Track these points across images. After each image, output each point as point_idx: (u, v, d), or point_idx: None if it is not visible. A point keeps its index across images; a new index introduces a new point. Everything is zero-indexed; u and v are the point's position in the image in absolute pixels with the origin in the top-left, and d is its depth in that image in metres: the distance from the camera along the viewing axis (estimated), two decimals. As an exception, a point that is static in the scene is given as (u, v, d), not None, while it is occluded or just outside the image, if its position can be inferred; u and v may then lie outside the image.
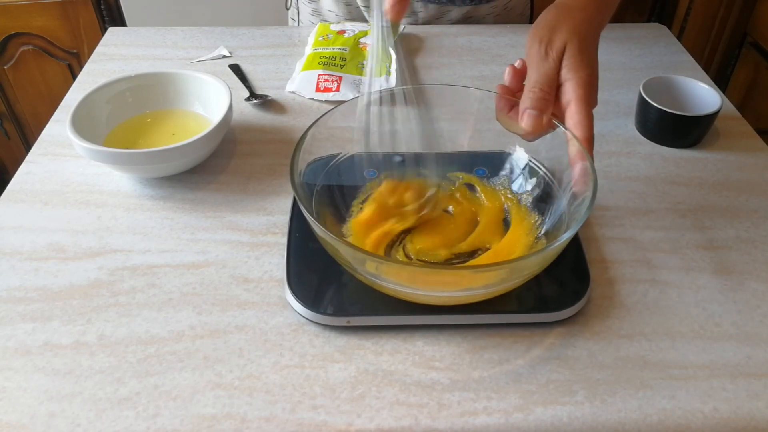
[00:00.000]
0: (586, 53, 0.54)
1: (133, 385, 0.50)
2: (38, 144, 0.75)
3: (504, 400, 0.50)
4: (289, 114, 0.81)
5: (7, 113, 1.73)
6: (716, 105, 0.74)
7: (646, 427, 0.49)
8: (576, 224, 0.50)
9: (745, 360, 0.53)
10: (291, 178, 0.53)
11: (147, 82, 0.75)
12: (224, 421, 0.48)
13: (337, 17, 1.01)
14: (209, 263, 0.60)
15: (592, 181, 0.52)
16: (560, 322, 0.55)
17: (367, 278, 0.52)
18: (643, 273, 0.60)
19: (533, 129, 0.54)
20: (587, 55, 0.54)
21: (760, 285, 0.59)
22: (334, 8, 1.00)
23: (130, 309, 0.56)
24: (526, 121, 0.54)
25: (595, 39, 0.57)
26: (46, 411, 0.48)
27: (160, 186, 0.69)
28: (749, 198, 0.69)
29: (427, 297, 0.52)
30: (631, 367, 0.52)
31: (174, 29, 0.98)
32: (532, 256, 0.49)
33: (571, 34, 0.54)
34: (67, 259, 0.60)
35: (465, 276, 0.51)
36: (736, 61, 1.70)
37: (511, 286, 0.52)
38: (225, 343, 0.53)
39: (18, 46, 1.62)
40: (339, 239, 0.49)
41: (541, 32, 0.55)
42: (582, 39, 0.54)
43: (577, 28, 0.55)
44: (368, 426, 0.48)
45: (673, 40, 0.97)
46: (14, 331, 0.54)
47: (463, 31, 0.98)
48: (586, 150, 0.52)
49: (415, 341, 0.54)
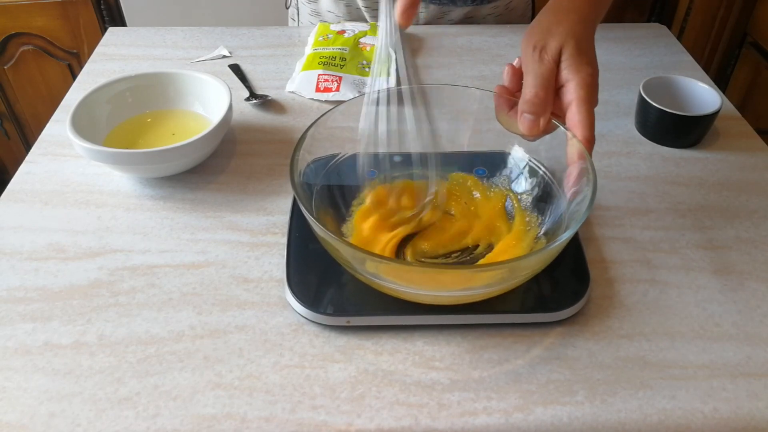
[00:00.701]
0: (584, 53, 0.54)
1: (133, 385, 0.50)
2: (38, 144, 0.75)
3: (504, 400, 0.50)
4: (289, 114, 0.81)
5: (7, 113, 1.73)
6: (716, 105, 0.74)
7: (646, 427, 0.49)
8: (576, 224, 0.50)
9: (745, 360, 0.53)
10: (291, 178, 0.53)
11: (147, 82, 0.75)
12: (224, 421, 0.48)
13: (336, 18, 1.01)
14: (209, 263, 0.60)
15: (592, 180, 0.52)
16: (560, 322, 0.55)
17: (368, 278, 0.52)
18: (643, 273, 0.60)
19: (530, 132, 0.54)
20: (586, 54, 0.54)
21: (760, 285, 0.59)
22: (334, 9, 1.00)
23: (130, 309, 0.56)
24: (523, 124, 0.54)
25: (592, 37, 0.57)
26: (46, 411, 0.48)
27: (160, 186, 0.69)
28: (749, 198, 0.69)
29: (427, 296, 0.52)
30: (631, 367, 0.52)
31: (174, 29, 0.98)
32: (531, 256, 0.49)
33: (566, 36, 0.54)
34: (67, 259, 0.60)
35: (465, 276, 0.51)
36: (736, 61, 1.70)
37: (511, 286, 0.52)
38: (225, 343, 0.54)
39: (18, 46, 1.62)
40: (339, 239, 0.49)
41: (536, 36, 0.55)
42: (578, 39, 0.54)
43: (573, 29, 0.55)
44: (368, 426, 0.48)
45: (673, 40, 0.97)
46: (14, 331, 0.54)
47: (463, 31, 0.98)
48: (586, 150, 0.52)
49: (415, 341, 0.54)
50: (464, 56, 0.92)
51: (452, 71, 0.89)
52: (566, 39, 0.54)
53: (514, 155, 0.64)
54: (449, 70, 0.89)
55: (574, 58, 0.53)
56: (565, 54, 0.54)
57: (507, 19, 1.02)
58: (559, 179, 0.60)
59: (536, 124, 0.54)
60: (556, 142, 0.57)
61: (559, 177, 0.60)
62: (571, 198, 0.56)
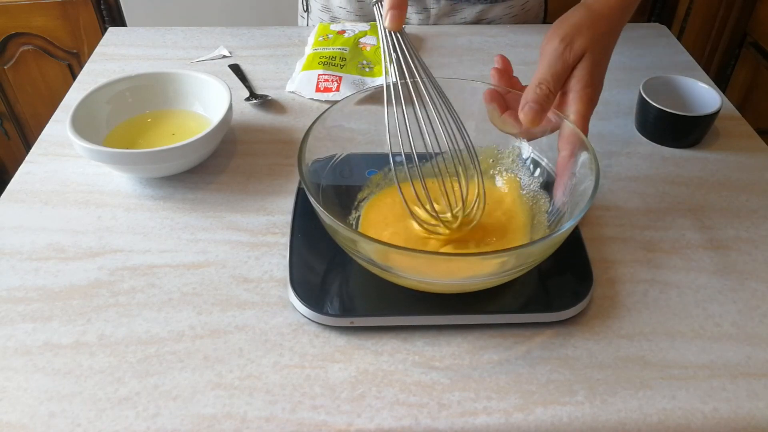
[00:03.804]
0: (598, 70, 0.54)
1: (133, 385, 0.50)
2: (38, 144, 0.75)
3: (504, 400, 0.50)
4: (289, 114, 0.81)
5: (7, 113, 1.73)
6: (716, 105, 0.74)
7: (646, 427, 0.49)
8: (580, 212, 0.50)
9: (745, 360, 0.53)
10: (299, 169, 0.53)
11: (147, 82, 0.75)
12: (224, 421, 0.48)
13: (347, 14, 1.00)
14: (209, 263, 0.60)
15: (594, 170, 0.52)
16: (560, 322, 0.55)
17: (376, 269, 0.51)
18: (644, 273, 0.60)
19: (532, 123, 0.54)
20: (599, 72, 0.54)
21: (760, 285, 0.59)
22: (345, 5, 0.99)
23: (130, 309, 0.56)
24: (527, 113, 0.53)
25: (610, 53, 0.57)
26: (46, 411, 0.48)
27: (160, 186, 0.69)
28: (749, 198, 0.69)
29: (432, 285, 0.52)
30: (631, 367, 0.52)
31: (174, 29, 0.98)
32: (535, 244, 0.49)
33: (593, 43, 0.54)
34: (67, 259, 0.60)
35: (471, 262, 0.51)
36: (736, 61, 1.70)
37: (515, 274, 0.52)
38: (225, 343, 0.54)
39: (18, 46, 1.62)
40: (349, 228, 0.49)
41: (565, 31, 0.54)
42: (600, 51, 0.54)
43: (600, 38, 0.54)
44: (368, 426, 0.48)
45: (673, 40, 0.97)
46: (14, 331, 0.54)
47: (463, 31, 0.98)
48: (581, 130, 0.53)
49: (415, 341, 0.54)
50: (464, 56, 0.92)
51: (452, 71, 0.89)
52: (592, 46, 0.54)
53: (518, 149, 0.64)
54: (449, 70, 0.89)
55: (588, 71, 0.53)
56: (584, 62, 0.54)
57: (522, 20, 1.01)
58: None
59: (539, 117, 0.54)
60: (556, 138, 0.57)
61: None
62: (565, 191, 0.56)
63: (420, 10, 0.98)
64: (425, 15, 0.99)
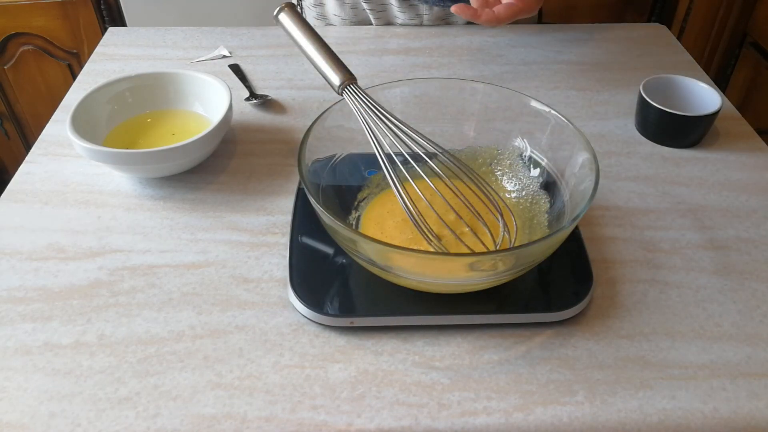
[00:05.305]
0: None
1: (133, 385, 0.50)
2: (38, 144, 0.75)
3: (504, 400, 0.50)
4: (289, 114, 0.81)
5: (7, 113, 1.73)
6: (716, 105, 0.74)
7: (646, 427, 0.49)
8: (580, 212, 0.50)
9: (745, 360, 0.53)
10: (299, 169, 0.53)
11: (147, 82, 0.75)
12: (224, 421, 0.48)
13: (342, 21, 1.01)
14: (209, 263, 0.60)
15: (594, 170, 0.52)
16: (560, 322, 0.55)
17: (378, 269, 0.51)
18: (643, 273, 0.60)
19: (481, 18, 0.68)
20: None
21: (760, 285, 0.59)
22: (339, 12, 1.00)
23: (130, 309, 0.56)
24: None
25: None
26: (46, 411, 0.48)
27: (160, 186, 0.69)
28: (749, 198, 0.69)
29: (432, 284, 0.52)
30: (631, 367, 0.52)
31: (174, 29, 0.98)
32: (534, 244, 0.49)
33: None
34: (67, 259, 0.60)
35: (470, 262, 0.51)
36: (736, 61, 1.70)
37: (515, 274, 0.52)
38: (225, 343, 0.53)
39: (18, 46, 1.62)
40: (349, 228, 0.49)
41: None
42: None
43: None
44: (368, 426, 0.48)
45: (673, 40, 0.97)
46: (14, 331, 0.54)
47: (463, 31, 0.98)
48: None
49: (415, 341, 0.54)
50: (464, 56, 0.92)
51: (452, 71, 0.89)
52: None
53: (518, 148, 0.64)
54: (449, 70, 0.89)
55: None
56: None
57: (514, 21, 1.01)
58: (560, 171, 0.60)
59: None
60: (557, 138, 0.57)
61: (561, 170, 0.60)
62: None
63: (413, 16, 0.98)
64: (418, 21, 0.99)
